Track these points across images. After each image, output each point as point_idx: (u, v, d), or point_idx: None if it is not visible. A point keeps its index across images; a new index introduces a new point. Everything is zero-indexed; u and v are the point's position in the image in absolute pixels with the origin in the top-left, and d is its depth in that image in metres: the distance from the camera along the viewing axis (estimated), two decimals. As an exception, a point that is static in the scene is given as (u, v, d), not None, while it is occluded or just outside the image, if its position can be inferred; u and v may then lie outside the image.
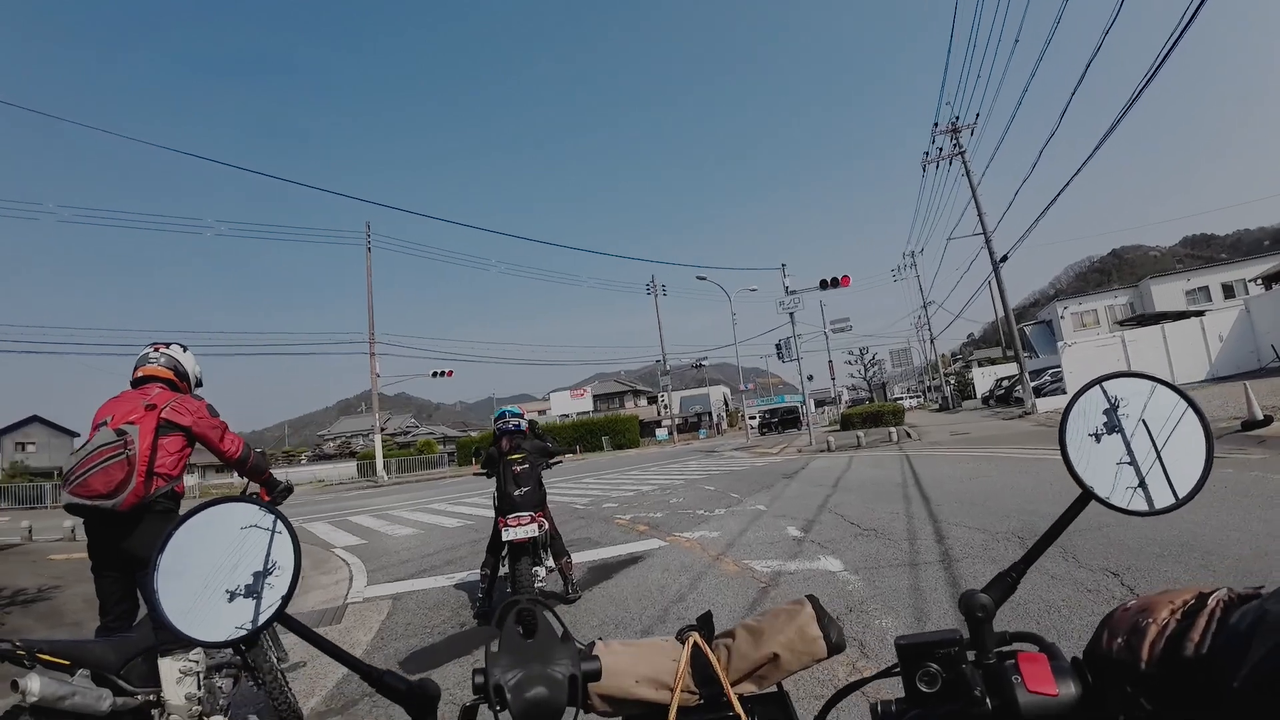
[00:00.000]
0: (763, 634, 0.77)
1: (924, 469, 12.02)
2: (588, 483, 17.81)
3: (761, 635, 0.77)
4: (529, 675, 0.67)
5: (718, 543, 7.19)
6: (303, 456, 72.09)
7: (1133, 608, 0.60)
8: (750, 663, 0.75)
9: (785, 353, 26.16)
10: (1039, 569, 4.74)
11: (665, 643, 0.79)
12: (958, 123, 27.30)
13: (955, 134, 27.53)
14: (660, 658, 0.76)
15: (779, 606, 0.80)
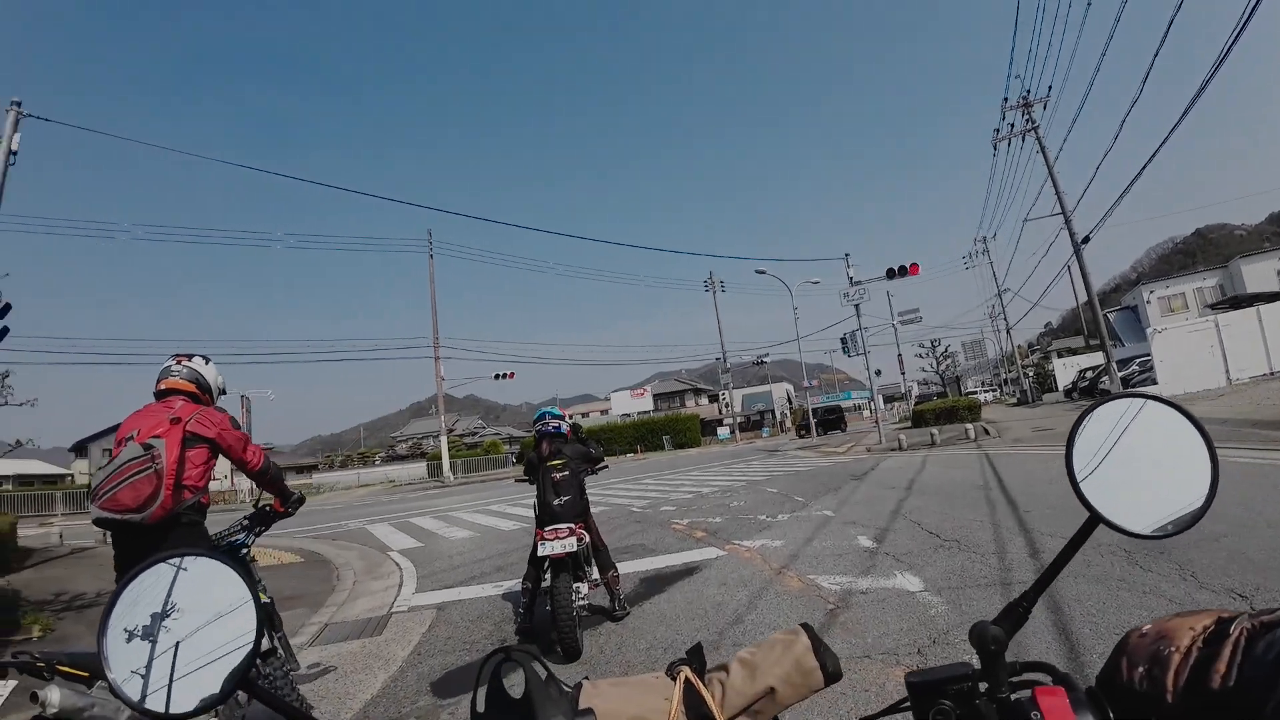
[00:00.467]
0: (758, 667, 0.75)
1: (1007, 469, 11.15)
2: (647, 484, 17.43)
3: (756, 668, 0.74)
4: None
5: (780, 553, 6.64)
6: (376, 457, 74.48)
7: (1149, 633, 0.60)
8: (745, 698, 0.73)
9: (851, 347, 25.15)
10: (1154, 591, 4.11)
11: (656, 679, 0.75)
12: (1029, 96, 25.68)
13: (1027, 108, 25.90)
14: (651, 697, 0.72)
15: (773, 637, 0.78)
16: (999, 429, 21.25)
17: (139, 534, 3.29)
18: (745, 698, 0.73)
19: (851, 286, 23.68)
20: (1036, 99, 25.46)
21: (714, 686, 0.74)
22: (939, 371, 60.18)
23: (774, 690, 0.73)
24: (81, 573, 9.22)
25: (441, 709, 3.72)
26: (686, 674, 0.74)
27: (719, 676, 0.75)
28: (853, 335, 24.72)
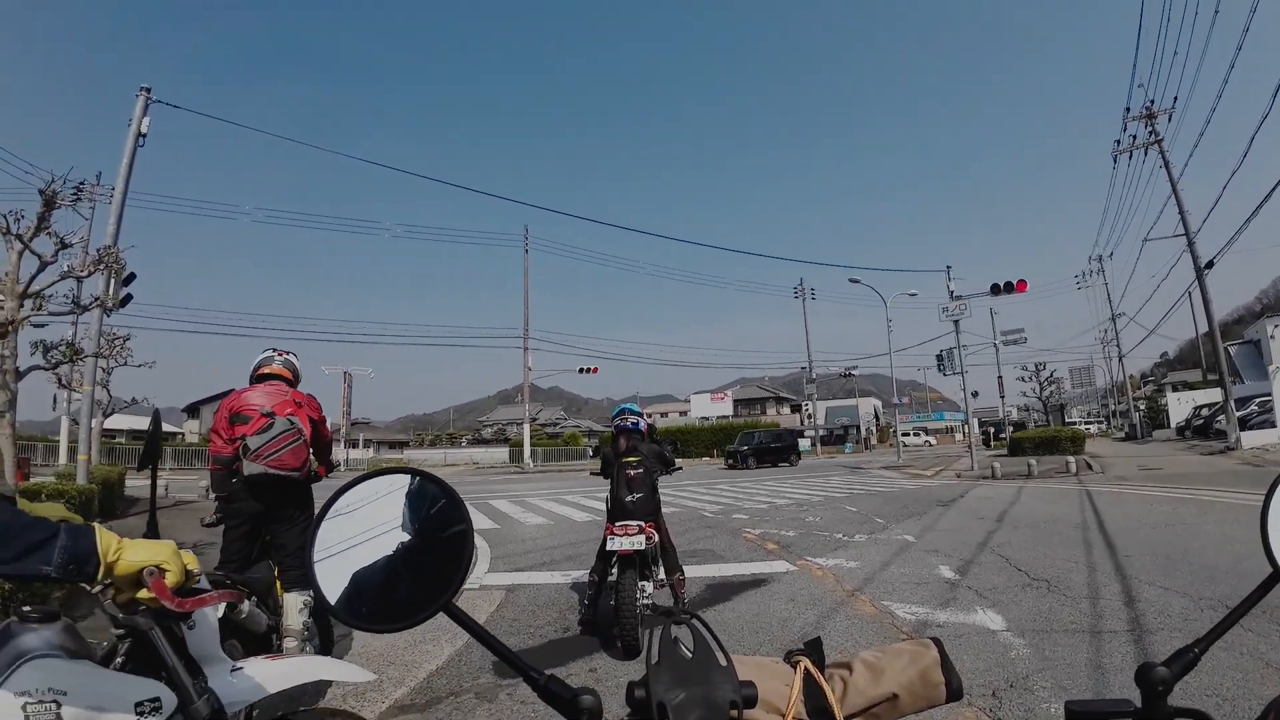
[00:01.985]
0: (883, 671, 0.74)
1: (1109, 509, 10.42)
2: (720, 489, 17.28)
3: (882, 673, 0.74)
4: (691, 697, 0.63)
5: (854, 575, 6.41)
6: (464, 439, 77.45)
7: None
8: (866, 699, 0.73)
9: (947, 365, 24.03)
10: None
11: (775, 664, 0.75)
12: (1153, 107, 23.71)
13: (1150, 120, 23.92)
14: (772, 680, 0.71)
15: (900, 644, 0.77)
16: (1103, 464, 19.83)
17: (288, 488, 4.02)
18: (866, 699, 0.73)
19: (952, 301, 22.61)
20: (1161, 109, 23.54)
21: (834, 682, 0.74)
22: (1042, 398, 56.49)
23: (896, 697, 0.73)
24: (182, 523, 10.07)
25: (501, 688, 3.80)
26: (806, 664, 0.74)
27: (840, 673, 0.75)
28: (950, 352, 23.61)
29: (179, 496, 16.09)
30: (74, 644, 1.35)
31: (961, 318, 22.27)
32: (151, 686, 1.38)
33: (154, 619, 1.42)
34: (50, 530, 1.09)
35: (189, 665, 1.45)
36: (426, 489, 0.80)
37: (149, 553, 1.24)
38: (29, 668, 1.22)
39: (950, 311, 22.37)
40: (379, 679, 4.03)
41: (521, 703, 3.58)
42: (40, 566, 1.07)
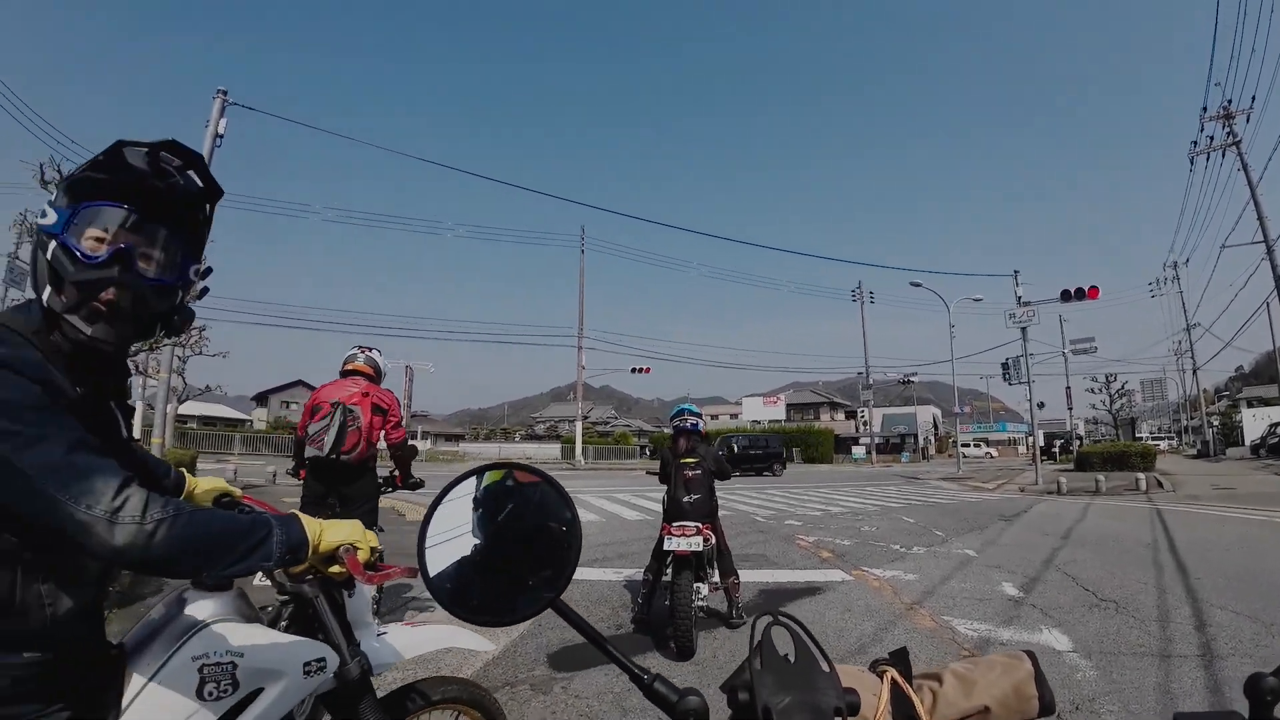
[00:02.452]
0: (975, 684, 0.72)
1: (1180, 528, 10.02)
2: (771, 494, 17.09)
3: (974, 685, 0.72)
4: (796, 701, 0.62)
5: (913, 588, 6.27)
6: (517, 435, 78.70)
7: None
8: (958, 711, 0.71)
9: (1013, 374, 23.19)
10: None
11: (860, 673, 0.74)
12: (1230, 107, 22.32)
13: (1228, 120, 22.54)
14: (859, 689, 0.69)
15: (993, 656, 0.76)
16: (1174, 482, 18.95)
17: (342, 470, 4.41)
18: (958, 710, 0.72)
19: (1019, 307, 21.81)
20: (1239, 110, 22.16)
21: (923, 693, 0.73)
22: (1112, 411, 53.81)
23: (988, 710, 0.71)
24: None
25: (555, 681, 3.86)
26: (894, 674, 0.73)
27: (930, 685, 0.74)
28: (1016, 361, 22.79)
29: (248, 480, 16.86)
30: (246, 609, 1.46)
31: (1029, 325, 21.46)
32: (318, 648, 1.47)
33: (319, 587, 1.53)
34: (266, 527, 1.15)
35: (345, 630, 1.55)
36: (535, 485, 0.81)
37: (345, 532, 1.30)
38: (207, 632, 1.31)
39: (1017, 318, 21.58)
40: (437, 666, 4.16)
41: (576, 696, 3.63)
42: (262, 563, 1.14)
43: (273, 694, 1.37)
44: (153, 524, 1.01)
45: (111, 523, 0.98)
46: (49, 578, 1.08)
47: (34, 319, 1.12)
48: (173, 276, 1.22)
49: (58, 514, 0.97)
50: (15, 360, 1.00)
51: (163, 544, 1.01)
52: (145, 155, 1.15)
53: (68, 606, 1.10)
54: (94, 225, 1.12)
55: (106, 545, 0.98)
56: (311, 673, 1.43)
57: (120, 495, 1.00)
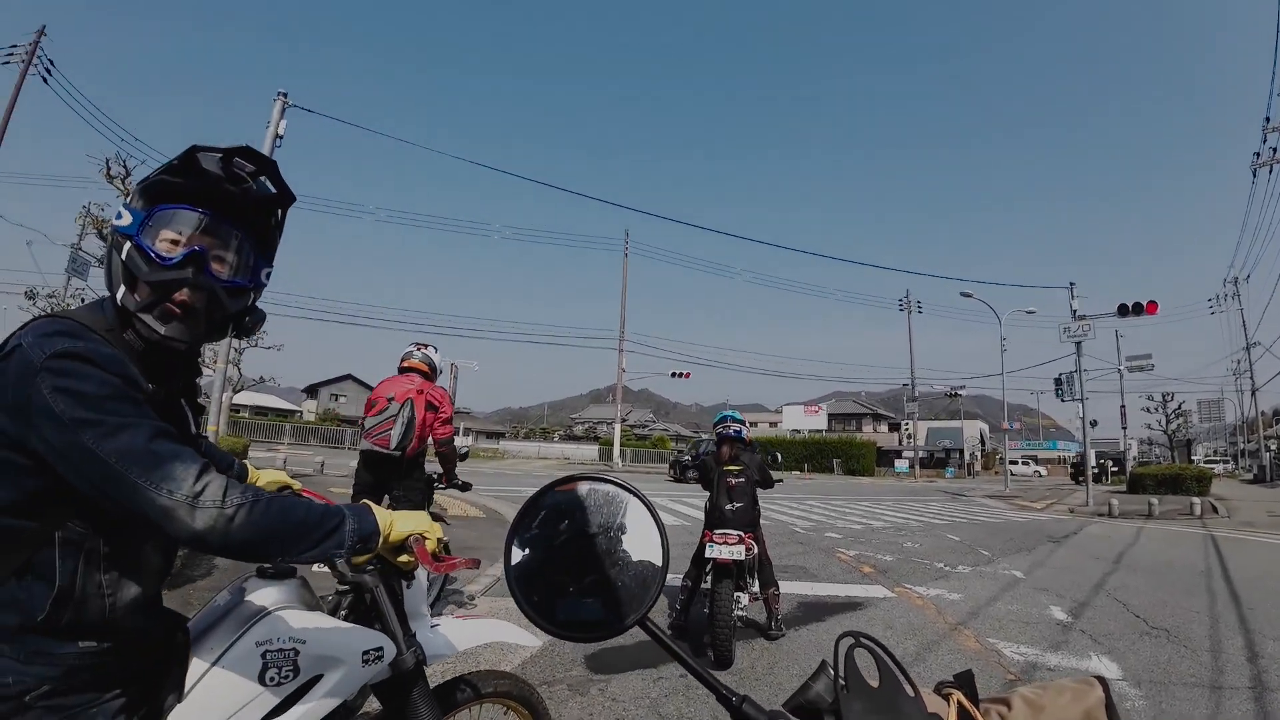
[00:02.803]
0: (1044, 709, 0.71)
1: (1234, 556, 9.73)
2: (811, 505, 16.85)
3: (1043, 710, 0.71)
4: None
5: (958, 608, 6.12)
6: (556, 435, 79.26)
7: None
8: None
9: (1066, 390, 22.38)
10: None
11: (926, 694, 0.72)
12: None
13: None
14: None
15: (1062, 682, 0.75)
16: (1228, 508, 18.30)
17: (394, 463, 4.58)
18: None
19: (1074, 321, 21.07)
20: None
21: (990, 717, 0.73)
22: (1167, 431, 51.53)
23: None
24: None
25: (592, 683, 3.87)
26: (960, 698, 0.72)
27: (998, 709, 0.73)
28: (1069, 377, 22.00)
29: (296, 470, 17.36)
30: (308, 597, 1.50)
31: (1084, 339, 20.73)
32: (376, 637, 1.51)
33: (379, 577, 1.56)
34: (340, 516, 1.19)
35: (402, 621, 1.58)
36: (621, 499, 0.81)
37: (414, 523, 1.33)
38: (272, 619, 1.35)
39: (1072, 332, 20.87)
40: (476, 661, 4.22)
41: (613, 700, 3.64)
42: (335, 550, 1.16)
43: (331, 680, 1.40)
44: (233, 508, 1.05)
45: (193, 507, 1.02)
46: (111, 568, 1.11)
47: (108, 317, 1.16)
48: (245, 278, 1.26)
49: (139, 499, 1.01)
50: (94, 354, 1.04)
51: (242, 528, 1.05)
52: (219, 160, 1.18)
53: (128, 597, 1.13)
54: (169, 227, 1.17)
55: (188, 529, 1.02)
56: (369, 661, 1.47)
57: (200, 481, 1.04)
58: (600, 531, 0.79)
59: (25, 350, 1.01)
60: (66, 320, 1.10)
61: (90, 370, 1.02)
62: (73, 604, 1.06)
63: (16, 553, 1.04)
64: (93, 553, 1.08)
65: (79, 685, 1.09)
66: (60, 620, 1.06)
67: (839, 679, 0.66)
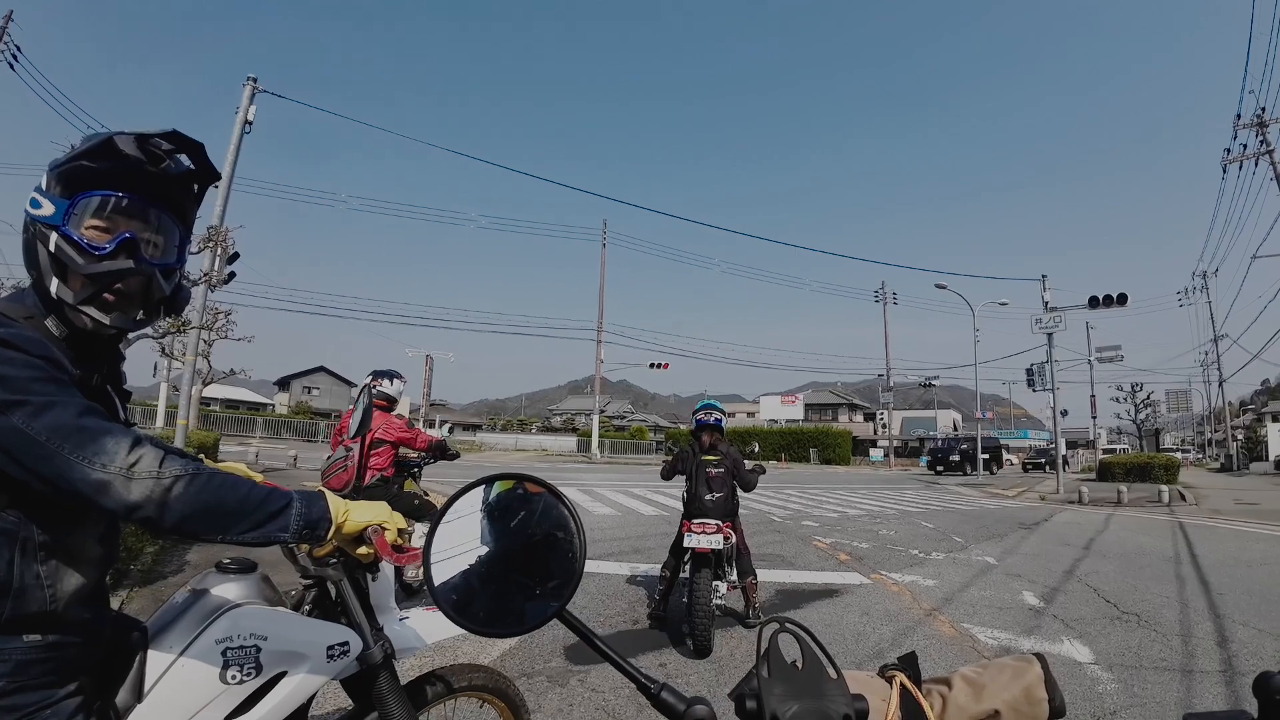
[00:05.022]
0: (984, 688, 0.72)
1: (1203, 543, 9.98)
2: (788, 494, 17.00)
3: (983, 689, 0.72)
4: (804, 709, 0.62)
5: (932, 594, 6.20)
6: (534, 426, 79.15)
7: None
8: (968, 716, 0.71)
9: (1037, 380, 22.78)
10: None
11: (869, 678, 0.74)
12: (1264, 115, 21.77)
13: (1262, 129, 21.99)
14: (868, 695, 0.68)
15: (1002, 660, 0.75)
16: (1196, 495, 18.82)
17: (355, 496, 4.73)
18: (967, 715, 0.72)
19: (1046, 312, 21.45)
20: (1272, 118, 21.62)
21: (933, 698, 0.73)
22: (1136, 421, 52.83)
23: (998, 714, 0.71)
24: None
25: (572, 674, 3.86)
26: (902, 680, 0.73)
27: (939, 689, 0.74)
28: (1041, 367, 22.40)
29: (268, 464, 17.09)
30: (270, 593, 1.46)
31: (1055, 330, 21.13)
32: (342, 632, 1.47)
33: (343, 570, 1.52)
34: (286, 499, 1.15)
35: (368, 614, 1.55)
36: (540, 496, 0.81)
37: (372, 513, 1.30)
38: (231, 615, 1.31)
39: (1044, 323, 21.26)
40: (454, 654, 4.18)
41: (593, 690, 3.63)
42: (279, 533, 1.13)
43: (296, 677, 1.37)
44: (170, 479, 1.02)
45: (128, 479, 1.00)
46: (49, 558, 1.07)
47: (28, 305, 1.14)
48: (173, 258, 1.25)
49: (73, 475, 0.98)
50: (15, 339, 1.01)
51: (179, 501, 1.02)
52: (134, 142, 1.15)
53: (69, 588, 1.10)
54: (94, 215, 1.14)
55: (123, 501, 1.00)
56: (335, 656, 1.44)
57: (134, 453, 1.02)
58: (519, 529, 0.80)
59: None
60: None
61: (12, 354, 1.00)
62: (11, 596, 1.03)
63: None
64: (28, 542, 1.05)
65: (30, 682, 1.06)
66: (1, 614, 1.02)
67: (760, 663, 0.67)
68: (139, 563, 5.62)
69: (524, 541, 0.79)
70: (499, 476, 0.84)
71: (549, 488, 0.82)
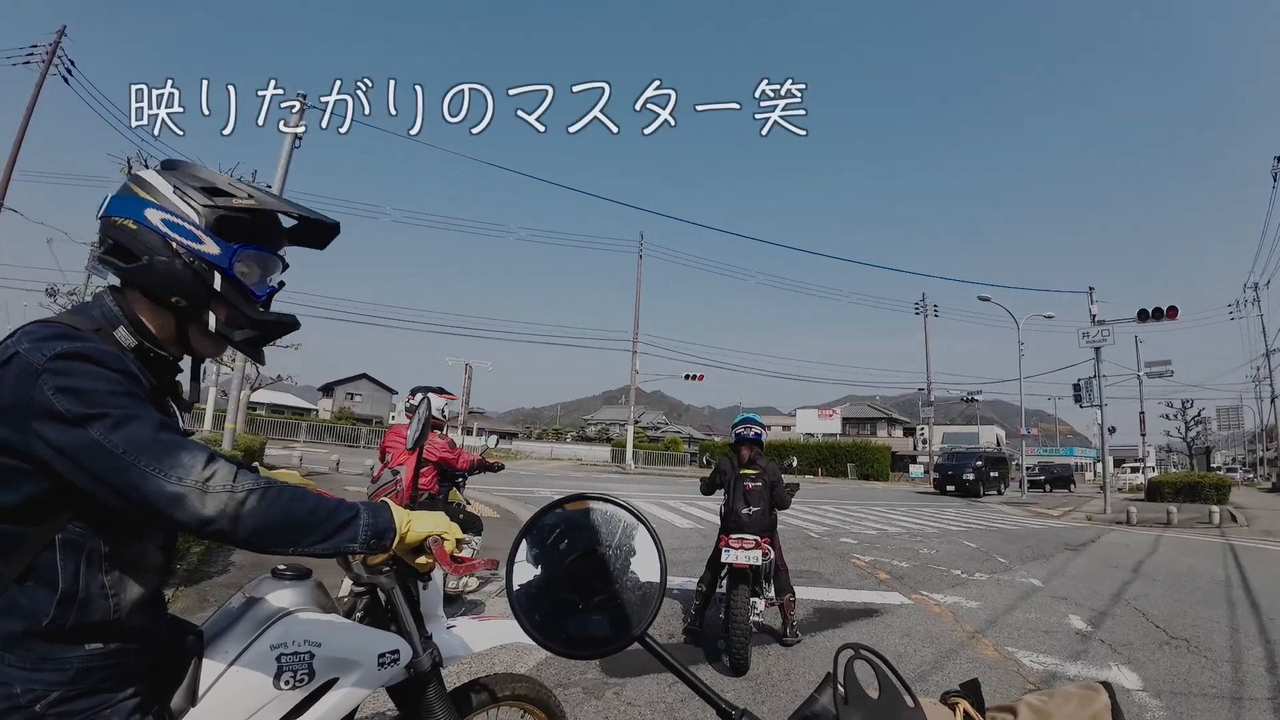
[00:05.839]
0: (1050, 717, 0.70)
1: (1255, 566, 9.62)
2: (826, 510, 16.75)
3: (1049, 718, 0.70)
4: None
5: (975, 615, 6.06)
6: (568, 436, 79.39)
7: None
8: None
9: (1085, 396, 22.08)
10: None
11: (932, 705, 0.71)
12: None
13: None
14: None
15: (1068, 688, 0.74)
16: (1248, 516, 18.13)
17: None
18: None
19: (1093, 326, 20.80)
20: None
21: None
22: (1187, 439, 50.72)
23: None
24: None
25: (608, 686, 3.86)
26: (966, 707, 0.72)
27: (1003, 717, 0.72)
28: (1088, 383, 21.70)
29: (311, 468, 17.51)
30: (323, 599, 1.48)
31: (1104, 344, 20.48)
32: (393, 640, 1.49)
33: (395, 579, 1.55)
34: (353, 510, 1.18)
35: (418, 622, 1.57)
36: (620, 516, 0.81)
37: (433, 523, 1.31)
38: (286, 622, 1.33)
39: (1091, 337, 20.63)
40: (491, 663, 4.22)
41: (629, 704, 3.62)
42: (348, 544, 1.15)
43: (347, 684, 1.39)
44: (244, 493, 1.05)
45: (204, 491, 1.02)
46: (113, 568, 1.10)
47: (95, 317, 1.15)
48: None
49: (147, 487, 1.00)
50: (95, 353, 1.04)
51: (252, 514, 1.05)
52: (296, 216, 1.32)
53: (131, 597, 1.12)
54: (258, 267, 1.28)
55: (198, 514, 1.02)
56: (385, 664, 1.45)
57: (209, 467, 1.04)
58: (600, 550, 0.79)
59: (23, 355, 1.01)
60: (58, 324, 1.10)
61: (92, 368, 1.03)
62: (77, 606, 1.06)
63: (18, 558, 1.03)
64: (94, 553, 1.07)
65: (89, 689, 1.08)
66: (66, 623, 1.05)
67: (838, 691, 0.66)
68: (185, 562, 5.78)
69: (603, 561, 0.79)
70: (577, 496, 0.84)
71: (631, 509, 0.82)
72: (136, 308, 1.19)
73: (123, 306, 1.18)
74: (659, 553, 0.78)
